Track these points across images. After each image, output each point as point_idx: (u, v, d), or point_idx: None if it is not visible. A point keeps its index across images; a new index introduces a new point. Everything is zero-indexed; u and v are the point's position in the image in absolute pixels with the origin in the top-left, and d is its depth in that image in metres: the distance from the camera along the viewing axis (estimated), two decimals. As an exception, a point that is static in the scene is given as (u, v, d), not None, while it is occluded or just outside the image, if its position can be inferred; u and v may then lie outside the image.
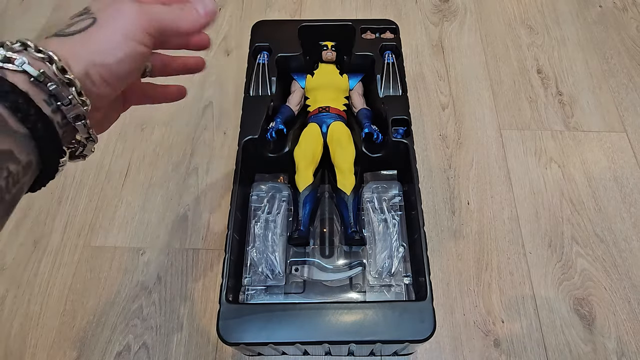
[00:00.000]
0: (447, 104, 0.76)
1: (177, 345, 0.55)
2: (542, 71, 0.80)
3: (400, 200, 0.51)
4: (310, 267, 0.48)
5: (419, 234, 0.43)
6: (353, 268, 0.48)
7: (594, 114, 0.75)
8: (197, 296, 0.59)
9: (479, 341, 0.56)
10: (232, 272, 0.43)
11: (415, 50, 0.83)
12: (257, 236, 0.48)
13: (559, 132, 0.73)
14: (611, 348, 0.55)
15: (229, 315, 0.39)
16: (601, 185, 0.68)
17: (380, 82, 0.54)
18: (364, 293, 0.47)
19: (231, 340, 0.38)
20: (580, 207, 0.66)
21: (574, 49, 0.83)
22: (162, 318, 0.57)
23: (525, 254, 0.62)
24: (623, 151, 0.71)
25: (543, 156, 0.70)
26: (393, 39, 0.57)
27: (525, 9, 0.89)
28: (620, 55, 0.82)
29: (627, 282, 0.59)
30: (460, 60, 0.81)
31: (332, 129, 0.51)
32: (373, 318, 0.39)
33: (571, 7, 0.89)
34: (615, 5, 0.89)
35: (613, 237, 0.63)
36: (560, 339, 0.56)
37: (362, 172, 0.53)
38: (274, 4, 0.90)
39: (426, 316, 0.39)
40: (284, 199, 0.51)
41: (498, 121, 0.74)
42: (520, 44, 0.84)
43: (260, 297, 0.46)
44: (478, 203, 0.66)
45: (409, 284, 0.46)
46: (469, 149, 0.71)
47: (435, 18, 0.88)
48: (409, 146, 0.49)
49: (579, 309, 0.58)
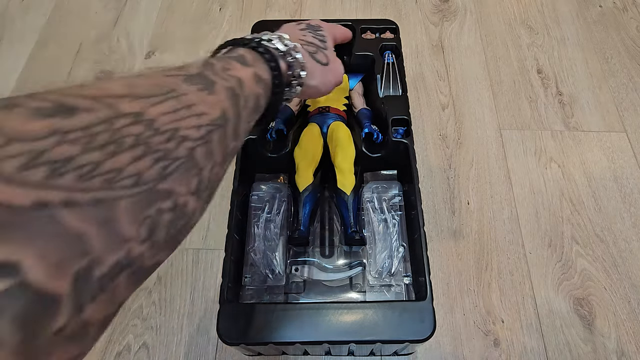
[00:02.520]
0: (447, 104, 0.76)
1: (177, 345, 0.55)
2: (542, 71, 0.80)
3: (400, 200, 0.51)
4: (310, 267, 0.48)
5: (419, 234, 0.44)
6: (353, 268, 0.48)
7: (594, 114, 0.75)
8: (197, 296, 0.59)
9: (479, 341, 0.56)
10: (232, 272, 0.43)
11: (415, 50, 0.83)
12: (257, 236, 0.48)
13: (559, 132, 0.73)
14: (611, 348, 0.55)
15: (229, 315, 0.39)
16: (601, 185, 0.68)
17: (380, 82, 0.54)
18: (364, 293, 0.47)
19: (231, 340, 0.38)
20: (580, 207, 0.66)
21: (574, 49, 0.83)
22: (162, 318, 0.57)
23: (525, 254, 0.62)
24: (623, 151, 0.71)
25: (543, 156, 0.70)
26: (393, 39, 0.57)
27: (525, 9, 0.89)
28: (620, 55, 0.82)
29: (627, 282, 0.59)
30: (460, 60, 0.81)
31: (332, 129, 0.51)
32: (373, 318, 0.39)
33: (571, 7, 0.89)
34: (615, 5, 0.89)
35: (613, 237, 0.63)
36: (560, 339, 0.56)
37: (362, 172, 0.53)
38: (274, 4, 0.90)
39: (426, 316, 0.39)
40: (284, 199, 0.51)
41: (498, 121, 0.74)
42: (520, 44, 0.84)
43: (260, 297, 0.46)
44: (478, 203, 0.66)
45: (409, 283, 0.46)
46: (469, 149, 0.71)
47: (435, 18, 0.88)
48: (409, 146, 0.49)
49: (579, 309, 0.58)
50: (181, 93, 0.19)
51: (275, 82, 0.28)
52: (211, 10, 0.89)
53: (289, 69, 0.30)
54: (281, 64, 0.29)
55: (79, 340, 0.14)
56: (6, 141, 0.12)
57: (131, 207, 0.15)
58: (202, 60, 0.23)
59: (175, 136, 0.17)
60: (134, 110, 0.16)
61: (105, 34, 0.86)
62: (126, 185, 0.15)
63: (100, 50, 0.83)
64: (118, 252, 0.14)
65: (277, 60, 0.28)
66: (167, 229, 0.17)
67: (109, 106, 0.15)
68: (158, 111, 0.17)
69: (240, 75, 0.24)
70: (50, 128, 0.13)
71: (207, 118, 0.19)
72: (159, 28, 0.87)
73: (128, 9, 0.89)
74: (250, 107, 0.24)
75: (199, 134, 0.18)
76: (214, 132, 0.19)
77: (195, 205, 0.18)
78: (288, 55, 0.30)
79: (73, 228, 0.13)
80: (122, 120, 0.15)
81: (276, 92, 0.28)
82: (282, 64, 0.29)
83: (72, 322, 0.13)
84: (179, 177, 0.17)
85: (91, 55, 0.83)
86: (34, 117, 0.13)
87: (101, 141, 0.14)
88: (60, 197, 0.13)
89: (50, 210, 0.12)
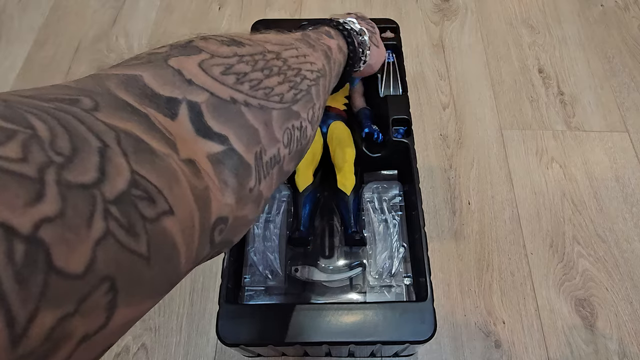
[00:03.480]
0: (447, 103, 0.76)
1: (177, 346, 0.55)
2: (543, 71, 0.80)
3: (401, 201, 0.51)
4: (310, 268, 0.48)
5: (420, 234, 0.43)
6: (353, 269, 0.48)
7: (595, 114, 0.74)
8: (196, 297, 0.58)
9: (480, 342, 0.55)
10: (231, 273, 0.43)
11: (415, 49, 0.82)
12: (257, 236, 0.48)
13: (561, 132, 0.73)
14: (613, 349, 0.55)
15: (229, 316, 0.39)
16: (603, 185, 0.67)
17: (381, 81, 0.54)
18: (364, 294, 0.46)
19: (231, 341, 0.38)
20: (582, 208, 0.65)
21: (575, 48, 0.82)
22: (161, 319, 0.57)
23: (526, 255, 0.61)
24: (625, 151, 0.70)
25: (544, 156, 0.70)
26: (393, 38, 0.57)
27: (527, 8, 0.88)
28: (622, 54, 0.81)
29: (629, 283, 0.59)
30: (461, 60, 0.81)
31: (332, 129, 0.51)
32: (373, 319, 0.38)
33: (572, 6, 0.88)
34: (616, 5, 0.88)
35: (615, 237, 0.63)
36: (561, 340, 0.55)
37: (362, 172, 0.53)
38: (274, 3, 0.89)
39: (427, 317, 0.38)
40: (283, 199, 0.51)
41: (499, 121, 0.74)
42: (521, 43, 0.83)
43: (260, 297, 0.46)
44: (479, 203, 0.66)
45: (410, 284, 0.46)
46: (469, 149, 0.71)
47: (436, 17, 0.87)
48: (410, 146, 0.49)
49: (581, 310, 0.57)
50: (298, 46, 0.25)
51: (350, 55, 0.33)
52: (210, 9, 0.89)
53: (359, 47, 0.35)
54: (355, 42, 0.34)
55: (257, 204, 0.19)
56: (211, 56, 0.18)
57: (279, 117, 0.20)
58: (300, 32, 0.29)
59: (299, 74, 0.23)
60: (275, 50, 0.22)
61: (104, 33, 0.85)
62: (276, 100, 0.20)
63: (98, 49, 0.83)
64: (273, 148, 0.19)
65: (353, 38, 0.34)
66: (297, 143, 0.22)
67: (261, 44, 0.21)
68: (288, 54, 0.23)
69: (329, 44, 0.30)
70: (232, 51, 0.19)
71: (316, 67, 0.25)
72: (158, 27, 0.86)
73: (127, 8, 0.89)
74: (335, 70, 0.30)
75: (313, 76, 0.24)
76: (320, 78, 0.25)
77: (311, 132, 0.24)
78: (359, 35, 0.35)
79: (251, 122, 0.18)
80: (269, 55, 0.21)
81: (349, 63, 0.34)
82: (355, 42, 0.34)
83: (256, 188, 0.18)
84: (303, 105, 0.22)
85: (89, 54, 0.82)
86: (222, 44, 0.19)
87: (261, 65, 0.20)
88: (242, 98, 0.18)
89: (237, 106, 0.18)
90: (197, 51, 0.18)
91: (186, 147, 0.15)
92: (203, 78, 0.17)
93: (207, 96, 0.17)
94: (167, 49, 0.18)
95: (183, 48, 0.18)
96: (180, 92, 0.16)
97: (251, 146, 0.18)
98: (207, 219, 0.15)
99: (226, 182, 0.16)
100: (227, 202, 0.16)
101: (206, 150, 0.16)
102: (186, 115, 0.16)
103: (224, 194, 0.16)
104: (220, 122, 0.17)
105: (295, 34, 0.27)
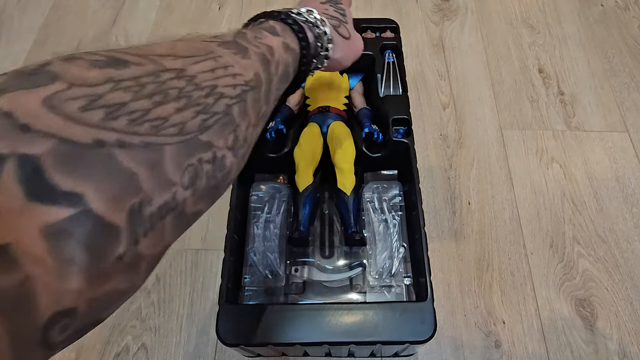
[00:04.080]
0: (447, 103, 0.76)
1: (177, 346, 0.55)
2: (543, 70, 0.80)
3: (401, 201, 0.51)
4: (310, 268, 0.48)
5: (420, 235, 0.43)
6: (353, 269, 0.48)
7: (595, 114, 0.74)
8: (196, 297, 0.58)
9: (480, 342, 0.55)
10: (231, 273, 0.43)
11: (415, 49, 0.82)
12: (257, 236, 0.48)
13: (561, 131, 0.73)
14: (613, 349, 0.55)
15: (229, 316, 0.39)
16: (603, 185, 0.67)
17: (381, 81, 0.54)
18: (364, 294, 0.46)
19: (230, 342, 0.38)
20: (582, 208, 0.65)
21: (575, 48, 0.82)
22: (161, 319, 0.57)
23: (526, 255, 0.61)
24: (625, 151, 0.70)
25: (544, 156, 0.70)
26: (393, 38, 0.57)
27: (527, 8, 0.88)
28: (622, 54, 0.81)
29: (629, 283, 0.59)
30: (461, 60, 0.81)
31: (332, 129, 0.51)
32: (373, 319, 0.38)
33: (573, 6, 0.88)
34: (617, 4, 0.88)
35: (615, 237, 0.63)
36: (561, 340, 0.55)
37: (362, 172, 0.53)
38: (274, 3, 0.89)
39: (427, 317, 0.38)
40: (283, 199, 0.51)
41: (499, 121, 0.74)
42: (521, 43, 0.83)
43: (260, 297, 0.46)
44: (479, 203, 0.65)
45: (410, 284, 0.46)
46: (469, 149, 0.71)
47: (436, 17, 0.87)
48: (410, 146, 0.49)
49: (581, 310, 0.57)
50: (217, 55, 0.20)
51: (303, 52, 0.29)
52: (210, 9, 0.89)
53: (316, 40, 0.31)
54: (309, 36, 0.30)
55: (134, 271, 0.16)
56: (68, 86, 0.14)
57: (176, 153, 0.16)
58: (234, 30, 0.25)
59: (213, 92, 0.19)
60: (177, 67, 0.18)
61: (104, 33, 0.85)
62: (171, 133, 0.16)
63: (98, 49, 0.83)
64: (165, 194, 0.16)
65: (305, 32, 0.30)
66: (208, 180, 0.18)
67: (155, 62, 0.17)
68: (198, 69, 0.18)
69: (270, 43, 0.25)
70: (105, 76, 0.15)
71: (242, 79, 0.21)
72: (157, 27, 0.86)
73: (127, 8, 0.89)
74: (280, 74, 0.26)
75: (235, 92, 0.20)
76: (248, 92, 0.21)
77: (232, 160, 0.20)
78: (315, 27, 0.31)
79: (127, 167, 0.14)
80: (166, 74, 0.17)
81: (304, 62, 0.30)
82: (309, 36, 0.30)
83: (129, 252, 0.15)
84: (218, 131, 0.18)
85: (90, 54, 0.82)
86: (91, 67, 0.15)
87: (149, 91, 0.16)
88: (115, 138, 0.14)
89: (107, 149, 0.14)
90: (49, 80, 0.14)
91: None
92: (48, 120, 0.13)
93: (53, 144, 0.13)
94: (5, 78, 0.14)
95: (29, 76, 0.14)
96: (7, 145, 0.12)
97: (122, 199, 0.14)
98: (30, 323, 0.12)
99: (71, 260, 0.13)
100: (70, 288, 0.13)
101: (41, 221, 0.12)
102: (12, 175, 0.12)
103: (64, 278, 0.13)
104: (74, 176, 0.13)
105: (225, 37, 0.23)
